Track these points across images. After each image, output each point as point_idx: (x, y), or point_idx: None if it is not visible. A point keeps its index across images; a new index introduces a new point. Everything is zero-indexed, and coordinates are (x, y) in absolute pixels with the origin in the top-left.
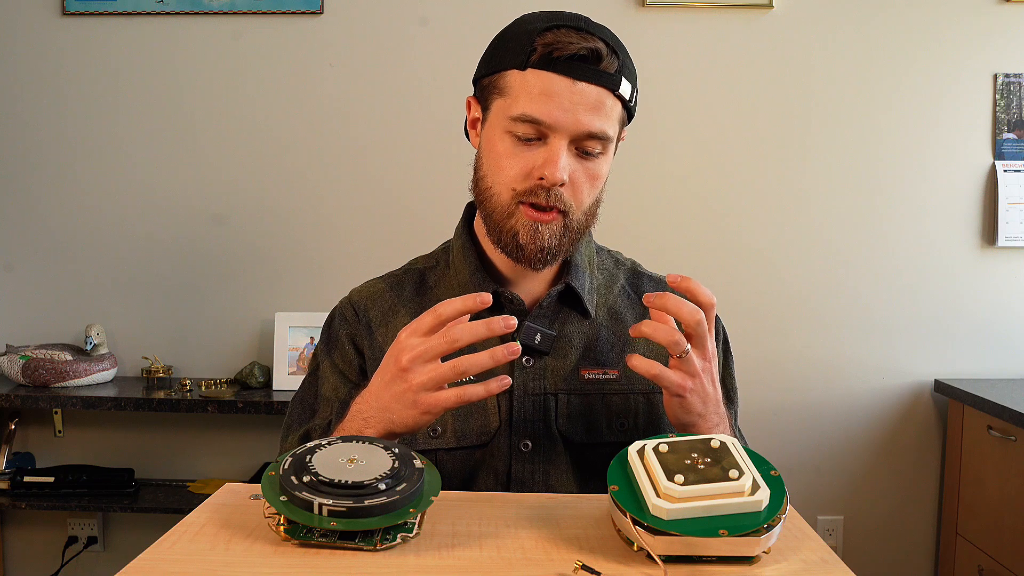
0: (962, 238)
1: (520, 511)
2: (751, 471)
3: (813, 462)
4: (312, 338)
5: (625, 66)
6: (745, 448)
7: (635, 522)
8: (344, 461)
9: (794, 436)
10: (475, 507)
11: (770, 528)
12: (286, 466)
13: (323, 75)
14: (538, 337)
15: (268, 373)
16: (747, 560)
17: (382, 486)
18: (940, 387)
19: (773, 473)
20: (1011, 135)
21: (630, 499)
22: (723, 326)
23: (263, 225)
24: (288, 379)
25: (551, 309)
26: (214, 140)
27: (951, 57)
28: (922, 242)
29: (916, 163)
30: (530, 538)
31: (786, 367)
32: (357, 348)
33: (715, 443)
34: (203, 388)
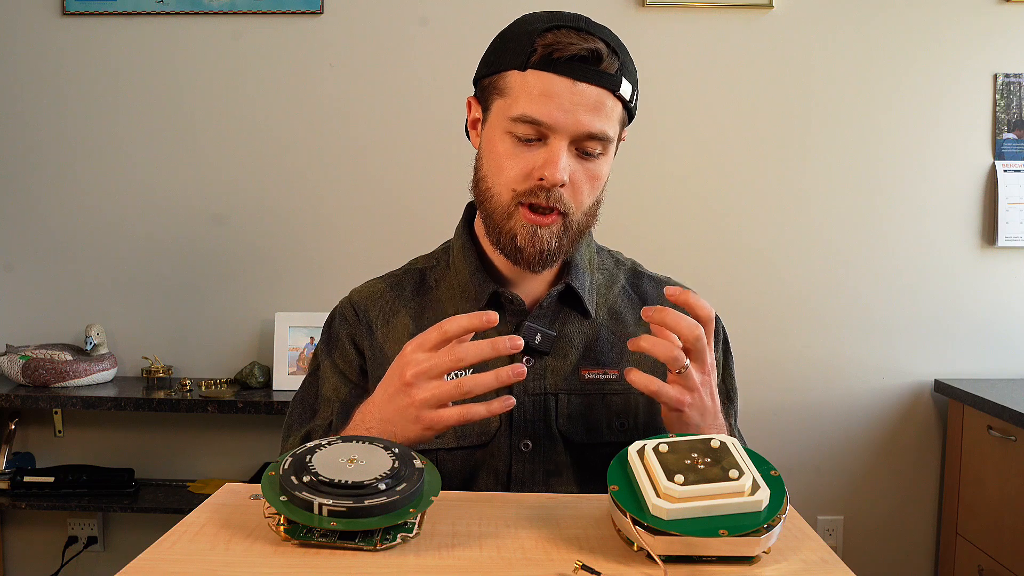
0: (962, 238)
1: (520, 511)
2: (751, 471)
3: (813, 462)
4: (312, 338)
5: (625, 67)
6: (745, 448)
7: (635, 522)
8: (344, 461)
9: (794, 436)
10: (475, 507)
11: (770, 528)
12: (286, 466)
13: (323, 75)
14: (538, 337)
15: (268, 373)
16: (747, 560)
17: (382, 486)
18: (940, 387)
19: (773, 473)
20: (1011, 135)
21: (630, 499)
22: (723, 326)
23: (263, 225)
24: (288, 379)
25: (551, 309)
26: (214, 140)
27: (951, 57)
28: (922, 242)
29: (916, 163)
30: (530, 538)
31: (786, 367)
32: (358, 348)
33: (715, 443)
34: (203, 388)
